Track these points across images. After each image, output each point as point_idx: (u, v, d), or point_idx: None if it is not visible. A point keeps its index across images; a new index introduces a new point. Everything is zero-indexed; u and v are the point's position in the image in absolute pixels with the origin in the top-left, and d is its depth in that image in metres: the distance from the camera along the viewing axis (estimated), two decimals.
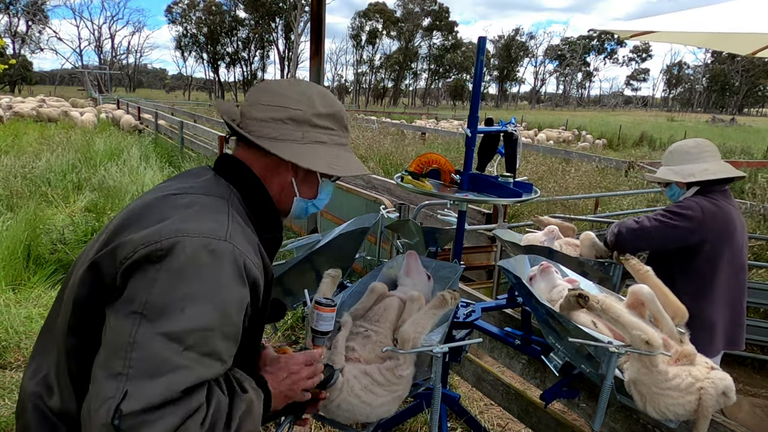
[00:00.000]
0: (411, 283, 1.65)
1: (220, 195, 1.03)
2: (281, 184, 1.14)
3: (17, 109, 17.29)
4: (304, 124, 1.10)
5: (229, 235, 0.92)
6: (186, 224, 0.90)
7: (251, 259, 0.95)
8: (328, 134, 1.14)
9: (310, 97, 1.12)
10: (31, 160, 8.17)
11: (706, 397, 1.29)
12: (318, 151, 1.11)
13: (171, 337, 0.81)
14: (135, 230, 0.91)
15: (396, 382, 1.31)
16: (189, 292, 0.84)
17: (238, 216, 1.02)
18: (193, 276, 0.85)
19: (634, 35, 3.58)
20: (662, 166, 2.42)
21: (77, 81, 64.45)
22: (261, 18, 72.28)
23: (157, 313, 0.82)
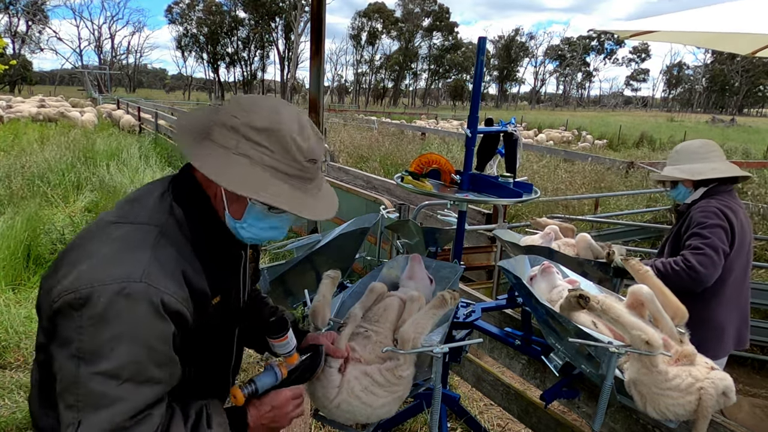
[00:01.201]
0: (413, 286, 1.65)
1: (156, 222, 1.03)
2: (214, 192, 1.09)
3: (17, 109, 17.29)
4: (237, 133, 1.03)
5: (144, 274, 0.95)
6: (102, 271, 0.95)
7: (170, 293, 0.97)
8: (260, 152, 1.03)
9: (254, 110, 1.04)
10: (31, 160, 8.16)
11: (706, 397, 1.29)
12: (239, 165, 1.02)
13: (108, 375, 0.91)
14: (65, 270, 0.98)
15: (396, 382, 1.31)
16: (114, 334, 0.92)
17: (168, 246, 1.02)
18: (113, 319, 0.92)
19: (633, 35, 3.58)
20: (668, 166, 2.41)
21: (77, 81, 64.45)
22: (261, 18, 72.27)
23: (90, 355, 0.91)
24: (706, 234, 2.16)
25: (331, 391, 1.27)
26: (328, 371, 1.29)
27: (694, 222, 2.23)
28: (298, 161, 1.05)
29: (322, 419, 1.37)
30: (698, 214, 2.23)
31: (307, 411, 2.85)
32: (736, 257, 2.24)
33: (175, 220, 1.06)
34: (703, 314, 2.25)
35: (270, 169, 1.03)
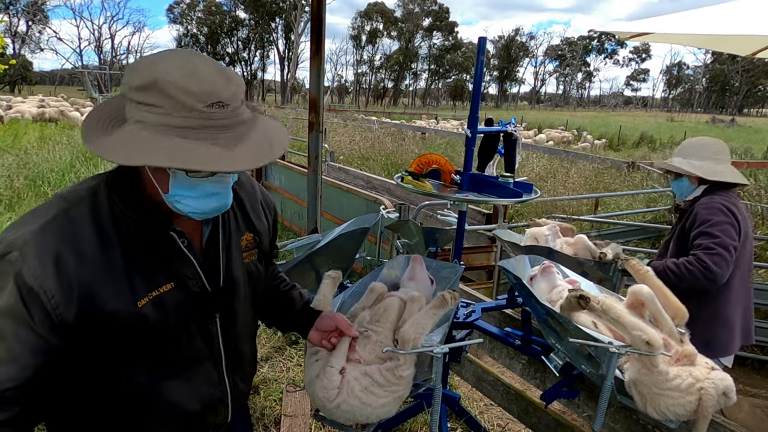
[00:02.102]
0: (414, 287, 1.65)
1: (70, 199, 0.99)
2: (145, 172, 1.00)
3: (17, 109, 17.29)
4: (129, 101, 0.93)
5: (23, 242, 0.92)
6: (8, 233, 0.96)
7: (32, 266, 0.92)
8: (151, 113, 0.90)
9: (132, 70, 0.93)
10: (31, 160, 8.17)
11: (706, 397, 1.29)
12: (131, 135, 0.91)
13: None
14: None
15: (396, 382, 1.31)
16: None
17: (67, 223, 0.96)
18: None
19: (633, 36, 3.58)
20: (677, 156, 2.37)
21: (77, 81, 64.43)
22: (261, 18, 72.30)
23: None
24: (716, 233, 2.15)
25: (331, 392, 1.27)
26: (328, 371, 1.29)
27: (701, 219, 2.21)
28: (195, 108, 0.90)
29: (322, 419, 1.37)
30: (704, 211, 2.22)
31: (307, 411, 2.85)
32: (741, 252, 2.24)
33: (92, 201, 0.99)
34: (714, 311, 2.26)
35: (162, 127, 0.90)
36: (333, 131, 15.63)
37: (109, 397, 1.06)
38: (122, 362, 1.03)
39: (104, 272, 0.97)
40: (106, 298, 0.96)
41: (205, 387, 1.15)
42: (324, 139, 4.37)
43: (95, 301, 0.96)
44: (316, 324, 1.37)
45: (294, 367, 3.38)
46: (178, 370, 1.10)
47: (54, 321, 0.93)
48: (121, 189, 1.01)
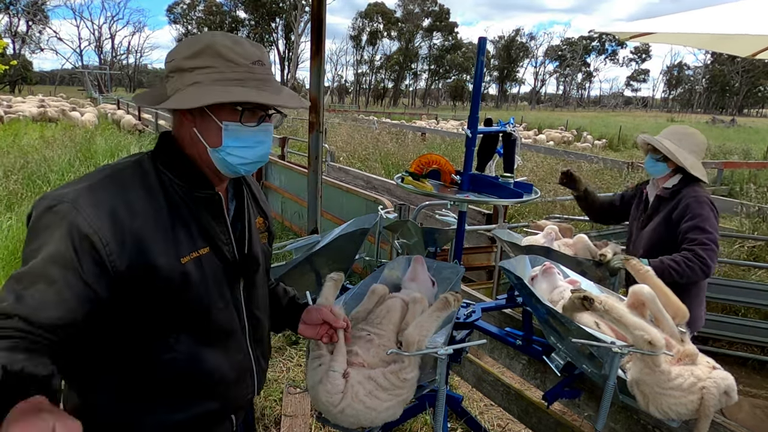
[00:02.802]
0: (416, 288, 1.64)
1: (117, 165, 1.08)
2: (189, 137, 1.11)
3: (17, 109, 17.29)
4: (179, 72, 1.07)
5: (74, 197, 0.97)
6: (49, 193, 1.01)
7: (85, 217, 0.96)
8: (205, 73, 1.05)
9: (179, 45, 1.10)
10: (31, 160, 8.17)
11: (708, 396, 1.29)
12: (190, 93, 1.05)
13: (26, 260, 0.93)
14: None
15: (401, 385, 1.30)
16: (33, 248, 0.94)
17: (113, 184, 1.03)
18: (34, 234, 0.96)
19: (633, 36, 3.58)
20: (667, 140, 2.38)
21: (77, 81, 64.46)
22: (261, 18, 72.29)
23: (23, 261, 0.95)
24: (708, 228, 2.23)
25: (335, 396, 1.26)
26: (331, 375, 1.28)
27: (693, 213, 2.26)
28: (243, 65, 1.06)
29: (326, 422, 1.37)
30: (695, 204, 2.27)
31: (307, 411, 2.85)
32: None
33: (138, 168, 1.08)
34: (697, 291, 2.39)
35: (219, 81, 1.05)
36: (333, 131, 15.63)
37: (151, 366, 1.08)
38: (166, 329, 1.07)
39: (153, 227, 1.03)
40: (155, 252, 1.02)
41: (239, 356, 1.20)
42: (324, 139, 4.37)
43: (145, 254, 1.01)
44: (303, 318, 1.38)
45: (294, 367, 3.38)
46: (216, 338, 1.15)
47: (107, 269, 0.97)
48: (166, 156, 1.11)
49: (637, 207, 2.59)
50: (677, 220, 2.31)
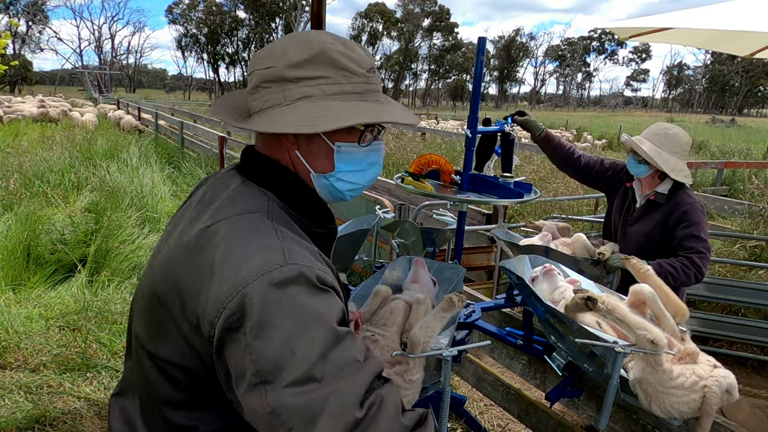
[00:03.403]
0: (419, 289, 1.64)
1: (257, 209, 0.90)
2: (289, 161, 0.96)
3: (17, 109, 17.29)
4: (280, 83, 0.90)
5: (286, 256, 0.82)
6: (240, 271, 0.80)
7: (318, 267, 0.84)
8: (317, 85, 0.90)
9: (283, 48, 0.91)
10: (31, 160, 8.16)
11: (710, 395, 1.29)
12: (300, 110, 0.89)
13: (301, 382, 0.75)
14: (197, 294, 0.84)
15: (406, 387, 1.29)
16: (285, 335, 0.76)
17: (283, 227, 0.88)
18: (279, 318, 0.77)
19: (633, 36, 3.59)
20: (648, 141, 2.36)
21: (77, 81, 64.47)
22: (261, 18, 72.30)
23: (272, 372, 0.75)
24: (703, 236, 2.30)
25: None
26: None
27: (691, 220, 2.30)
28: (359, 73, 0.92)
29: None
30: (693, 211, 2.31)
31: None
32: None
33: (274, 202, 0.92)
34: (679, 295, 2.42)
35: (336, 95, 0.90)
36: None
37: None
38: None
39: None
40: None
41: None
42: None
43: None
44: None
45: None
46: None
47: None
48: (286, 184, 0.95)
49: (622, 202, 2.59)
50: (673, 226, 2.34)
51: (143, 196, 6.57)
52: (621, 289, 1.85)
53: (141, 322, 0.96)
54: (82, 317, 3.60)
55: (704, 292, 4.29)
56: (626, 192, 2.57)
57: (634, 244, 2.46)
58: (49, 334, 3.48)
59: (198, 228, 0.89)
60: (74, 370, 3.16)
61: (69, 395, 2.93)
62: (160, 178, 8.11)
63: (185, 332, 0.85)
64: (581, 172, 2.69)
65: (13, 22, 8.42)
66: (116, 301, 3.93)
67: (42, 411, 2.75)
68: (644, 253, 2.31)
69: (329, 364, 0.76)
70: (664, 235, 2.38)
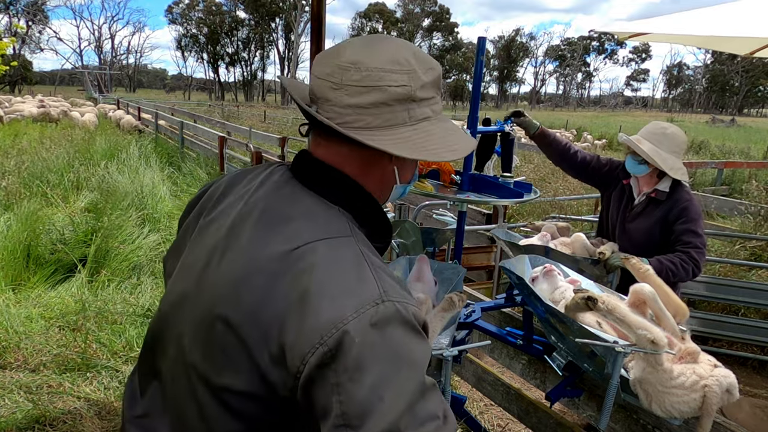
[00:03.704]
0: (420, 288, 1.64)
1: (341, 232, 0.85)
2: (381, 176, 0.94)
3: (17, 109, 17.29)
4: (407, 102, 0.87)
5: (383, 291, 0.78)
6: (339, 306, 0.76)
7: (411, 303, 0.81)
8: (431, 106, 0.91)
9: (410, 65, 0.87)
10: (31, 160, 8.16)
11: (710, 394, 1.29)
12: (431, 132, 0.89)
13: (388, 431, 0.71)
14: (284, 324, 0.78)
15: None
16: (377, 380, 0.72)
17: (370, 253, 0.84)
18: (372, 361, 0.73)
19: (633, 36, 3.59)
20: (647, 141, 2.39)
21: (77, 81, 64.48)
22: (261, 18, 72.32)
23: (359, 417, 0.71)
24: (700, 232, 2.34)
25: None
26: None
27: (690, 217, 2.35)
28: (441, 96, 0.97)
29: None
30: (691, 207, 2.36)
31: None
32: None
33: (351, 223, 0.89)
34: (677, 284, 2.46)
35: (441, 117, 0.94)
36: None
37: None
38: None
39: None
40: None
41: None
42: None
43: None
44: None
45: None
46: None
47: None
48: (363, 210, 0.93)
49: (619, 200, 2.60)
50: (672, 221, 2.37)
51: (143, 196, 6.56)
52: (621, 289, 1.85)
53: (197, 349, 0.87)
54: (82, 317, 3.60)
55: (704, 292, 4.28)
56: (623, 189, 2.58)
57: (634, 240, 2.47)
58: (49, 334, 3.48)
59: (278, 250, 0.83)
60: (74, 370, 3.16)
61: (69, 395, 2.93)
62: (160, 178, 8.11)
63: (262, 362, 0.80)
64: (577, 168, 2.71)
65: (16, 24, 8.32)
66: (116, 301, 3.93)
67: (42, 411, 2.75)
68: (643, 250, 2.35)
69: (415, 417, 0.72)
70: (664, 232, 2.41)
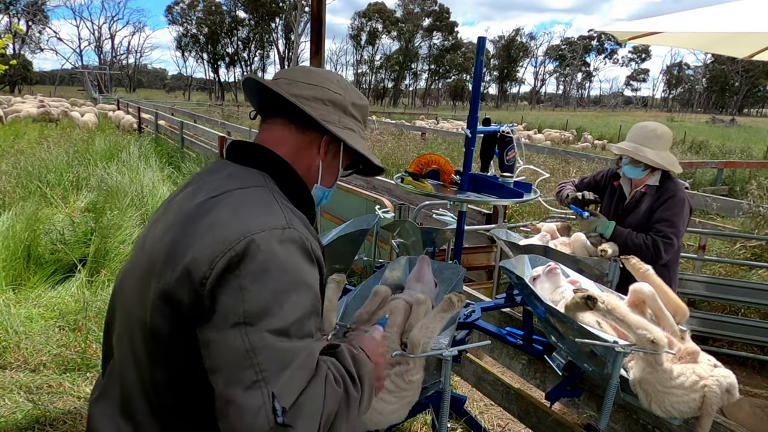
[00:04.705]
0: (420, 289, 1.64)
1: (258, 184, 1.01)
2: (308, 167, 1.11)
3: (17, 109, 17.28)
4: (340, 109, 1.11)
5: (288, 221, 0.93)
6: (247, 222, 0.90)
7: (312, 239, 0.96)
8: (356, 125, 1.15)
9: (346, 86, 1.15)
10: (30, 160, 8.16)
11: (710, 394, 1.29)
12: (354, 137, 1.12)
13: (282, 333, 0.83)
14: (194, 246, 0.89)
15: (406, 387, 1.29)
16: (278, 287, 0.85)
17: (282, 199, 1.01)
18: (276, 271, 0.86)
19: (632, 38, 3.58)
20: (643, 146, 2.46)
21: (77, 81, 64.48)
22: (261, 18, 72.29)
23: (257, 316, 0.83)
24: (678, 224, 2.40)
25: None
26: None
27: (669, 206, 2.42)
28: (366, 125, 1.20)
29: None
30: (675, 199, 2.43)
31: None
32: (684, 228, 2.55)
33: (272, 182, 1.04)
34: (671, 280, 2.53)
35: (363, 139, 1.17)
36: None
37: None
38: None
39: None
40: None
41: None
42: None
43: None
44: None
45: None
46: None
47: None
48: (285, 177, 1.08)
49: (611, 199, 2.70)
50: (656, 209, 2.47)
51: (143, 196, 6.56)
52: (621, 289, 1.85)
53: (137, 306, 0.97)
54: (82, 317, 3.60)
55: (704, 292, 4.28)
56: (614, 189, 2.69)
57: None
58: (49, 334, 3.48)
59: (198, 201, 0.97)
60: (74, 370, 3.16)
61: (69, 395, 2.93)
62: (159, 177, 8.11)
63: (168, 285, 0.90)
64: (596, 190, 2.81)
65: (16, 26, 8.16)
66: None
67: (42, 411, 2.75)
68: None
69: (302, 328, 0.86)
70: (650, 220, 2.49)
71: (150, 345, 0.93)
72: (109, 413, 1.00)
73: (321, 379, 0.87)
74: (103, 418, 1.01)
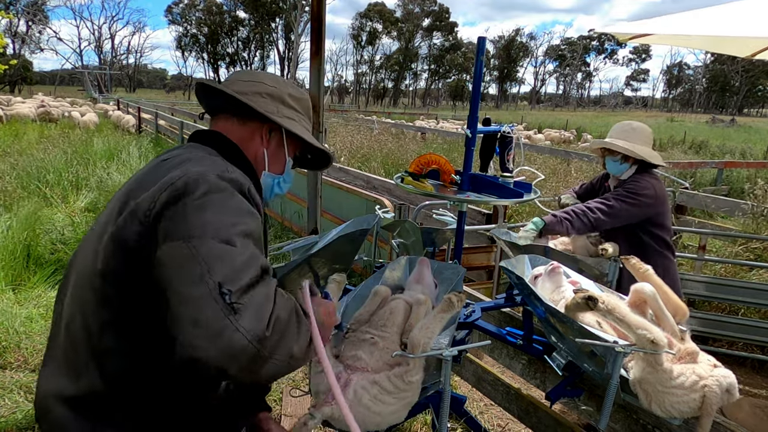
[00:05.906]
0: (420, 290, 1.64)
1: (208, 153, 1.12)
2: (254, 155, 1.22)
3: (17, 109, 17.29)
4: (277, 101, 1.23)
5: (229, 170, 1.03)
6: (193, 168, 1.00)
7: (253, 190, 1.06)
8: (297, 115, 1.27)
9: (280, 81, 1.27)
10: (30, 160, 8.16)
11: (710, 394, 1.29)
12: (294, 125, 1.24)
13: (225, 241, 0.90)
14: (144, 191, 0.99)
15: (406, 388, 1.29)
16: (220, 210, 0.94)
17: (231, 165, 1.10)
18: (217, 199, 0.95)
19: (632, 38, 3.58)
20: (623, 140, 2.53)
21: (77, 81, 64.46)
22: (261, 18, 72.31)
23: (202, 230, 0.90)
24: (622, 199, 2.42)
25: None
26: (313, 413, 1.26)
27: (627, 185, 2.48)
28: (311, 119, 1.33)
29: (330, 426, 1.36)
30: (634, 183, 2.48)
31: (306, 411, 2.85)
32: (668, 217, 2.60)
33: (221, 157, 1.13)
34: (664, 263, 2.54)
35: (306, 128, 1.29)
36: (333, 131, 15.62)
37: None
38: None
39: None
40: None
41: None
42: (324, 139, 4.36)
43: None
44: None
45: None
46: None
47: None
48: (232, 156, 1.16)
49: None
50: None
51: None
52: (620, 289, 1.85)
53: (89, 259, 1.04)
54: None
55: (704, 292, 4.28)
56: (606, 190, 2.74)
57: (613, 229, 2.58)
58: None
59: (152, 165, 1.11)
60: None
61: None
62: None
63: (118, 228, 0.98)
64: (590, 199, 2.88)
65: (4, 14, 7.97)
66: None
67: None
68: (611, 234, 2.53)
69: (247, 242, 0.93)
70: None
71: (98, 287, 1.00)
72: (54, 372, 1.06)
73: (270, 283, 0.92)
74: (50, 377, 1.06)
